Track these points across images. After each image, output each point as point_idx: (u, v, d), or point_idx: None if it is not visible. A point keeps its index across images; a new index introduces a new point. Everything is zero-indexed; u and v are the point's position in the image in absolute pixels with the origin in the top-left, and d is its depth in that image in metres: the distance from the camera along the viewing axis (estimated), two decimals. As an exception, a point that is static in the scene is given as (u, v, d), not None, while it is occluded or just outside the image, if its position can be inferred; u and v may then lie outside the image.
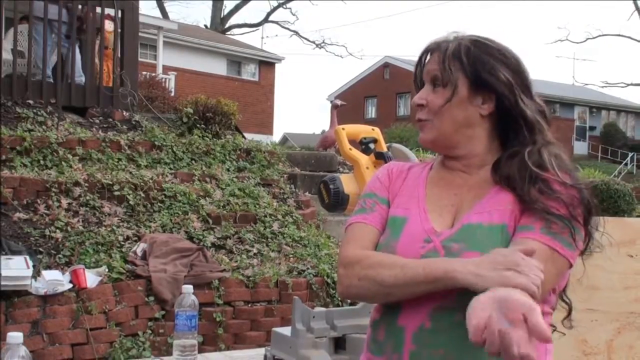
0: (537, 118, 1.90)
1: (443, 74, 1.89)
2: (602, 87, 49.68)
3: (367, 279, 1.82)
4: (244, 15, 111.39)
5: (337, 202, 3.27)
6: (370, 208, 1.99)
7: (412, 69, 2.05)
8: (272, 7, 42.65)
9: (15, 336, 2.33)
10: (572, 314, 2.04)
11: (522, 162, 1.86)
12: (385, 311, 1.89)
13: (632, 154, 38.56)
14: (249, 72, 32.63)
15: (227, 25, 40.75)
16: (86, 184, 7.44)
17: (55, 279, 5.97)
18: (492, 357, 1.69)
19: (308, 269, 7.15)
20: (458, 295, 1.70)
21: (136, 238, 7.08)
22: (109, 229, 7.00)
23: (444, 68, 1.89)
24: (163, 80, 18.15)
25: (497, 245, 1.75)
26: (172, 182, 8.15)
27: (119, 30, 10.56)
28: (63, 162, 7.95)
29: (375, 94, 42.19)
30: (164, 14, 37.79)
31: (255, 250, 7.50)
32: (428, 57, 1.97)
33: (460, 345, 1.73)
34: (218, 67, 30.70)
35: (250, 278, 6.82)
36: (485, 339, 1.48)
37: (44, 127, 8.66)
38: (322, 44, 44.12)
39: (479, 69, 1.87)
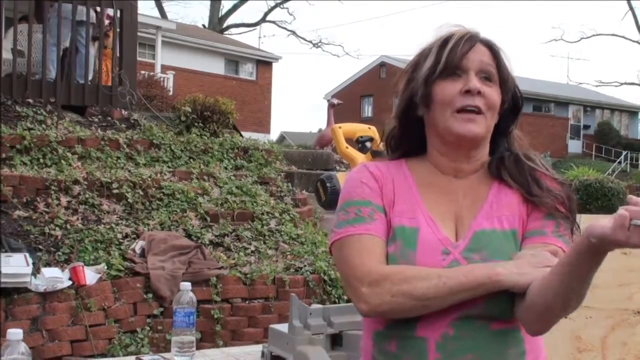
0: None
1: (501, 72, 1.86)
2: (596, 86, 49.66)
3: (402, 295, 1.72)
4: (242, 15, 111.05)
5: (333, 200, 3.28)
6: (370, 217, 1.84)
7: (408, 68, 1.99)
8: (269, 7, 42.57)
9: (15, 333, 2.35)
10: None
11: (518, 160, 1.88)
12: (394, 323, 1.80)
13: (626, 152, 38.60)
14: (247, 72, 32.61)
15: (224, 25, 40.69)
16: (85, 182, 7.47)
17: (54, 276, 6.01)
18: (517, 358, 1.78)
19: (305, 266, 7.18)
20: (484, 303, 1.72)
21: (135, 236, 7.11)
22: (107, 227, 7.04)
23: (500, 66, 1.86)
24: (161, 79, 18.18)
25: (512, 251, 1.77)
26: (171, 180, 8.19)
27: (118, 30, 10.58)
28: (62, 161, 7.99)
29: (372, 93, 42.09)
30: (163, 14, 37.74)
31: (252, 248, 7.53)
32: (463, 44, 1.83)
33: (487, 348, 1.75)
34: (216, 67, 30.67)
35: (248, 275, 6.85)
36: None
37: (43, 125, 8.69)
38: (319, 44, 44.23)
39: (505, 70, 1.87)
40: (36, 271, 6.10)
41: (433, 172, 1.91)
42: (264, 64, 33.07)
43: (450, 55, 1.81)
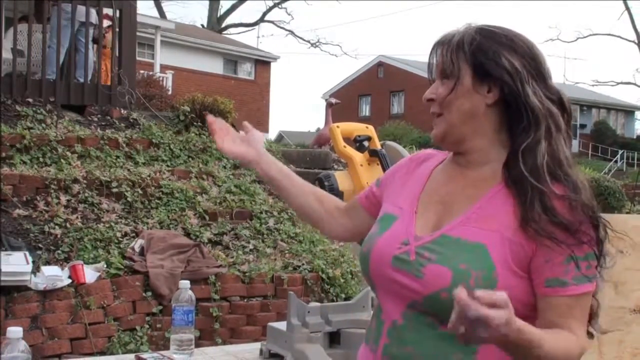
0: (546, 106, 1.78)
1: (447, 66, 1.84)
2: (593, 85, 49.81)
3: None
4: (240, 14, 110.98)
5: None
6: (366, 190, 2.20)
7: (405, 68, 2.02)
8: (267, 7, 42.49)
9: (15, 331, 2.37)
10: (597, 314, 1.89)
11: (520, 165, 1.76)
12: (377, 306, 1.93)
13: (622, 151, 38.59)
14: (245, 71, 32.61)
15: (223, 25, 40.65)
16: (85, 181, 7.50)
17: (54, 275, 6.03)
18: (465, 358, 1.74)
19: (303, 264, 7.21)
20: (425, 299, 1.72)
21: (134, 234, 7.13)
22: (107, 225, 7.06)
23: (448, 59, 1.83)
24: (160, 78, 18.19)
25: (467, 263, 1.69)
26: (170, 179, 8.21)
27: (117, 29, 10.60)
28: (62, 160, 8.01)
29: (370, 92, 42.07)
30: (162, 14, 37.66)
31: (251, 246, 7.56)
32: (431, 55, 1.90)
33: (429, 346, 1.75)
34: (215, 66, 30.67)
35: (246, 274, 6.88)
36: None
37: (43, 125, 8.71)
38: (317, 43, 44.14)
39: (481, 57, 1.80)
40: (36, 269, 6.12)
41: (455, 164, 1.92)
42: (263, 64, 33.07)
43: (430, 67, 1.91)
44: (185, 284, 3.18)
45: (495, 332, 1.42)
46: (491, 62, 1.79)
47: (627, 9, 44.35)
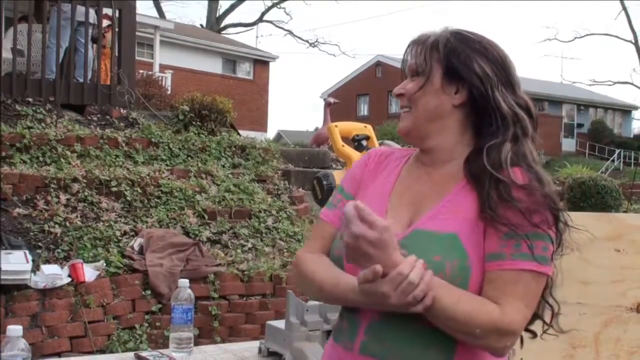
0: (514, 111, 1.84)
1: (420, 64, 1.89)
2: (590, 85, 49.75)
3: (300, 283, 2.01)
4: (239, 14, 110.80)
5: (330, 197, 3.31)
6: (334, 205, 2.03)
7: (404, 67, 2.05)
8: (266, 7, 42.39)
9: (15, 329, 2.37)
10: (557, 313, 1.99)
11: (482, 160, 1.82)
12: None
13: (619, 150, 38.54)
14: (244, 71, 32.59)
15: (222, 25, 40.59)
16: (84, 180, 7.52)
17: (54, 273, 6.05)
18: (444, 355, 1.78)
19: (302, 263, 7.21)
20: None
21: (133, 233, 7.16)
22: (106, 224, 7.09)
23: (422, 58, 1.89)
24: (160, 78, 18.19)
25: (441, 254, 1.73)
26: (169, 178, 8.24)
27: (117, 29, 10.62)
28: (62, 159, 8.04)
29: (368, 92, 42.02)
30: (161, 14, 37.63)
31: (250, 245, 7.59)
32: (407, 54, 1.96)
33: (409, 343, 1.77)
34: (213, 66, 30.64)
35: (245, 272, 6.90)
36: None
37: (43, 124, 8.74)
38: (316, 43, 44.03)
39: (453, 59, 1.86)
40: (36, 268, 6.14)
41: (420, 163, 1.97)
42: (261, 63, 33.04)
43: (403, 65, 1.97)
44: (184, 282, 3.19)
45: (366, 251, 1.60)
46: (463, 65, 1.85)
47: (624, 8, 44.34)
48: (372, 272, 1.60)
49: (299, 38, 46.77)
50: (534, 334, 1.97)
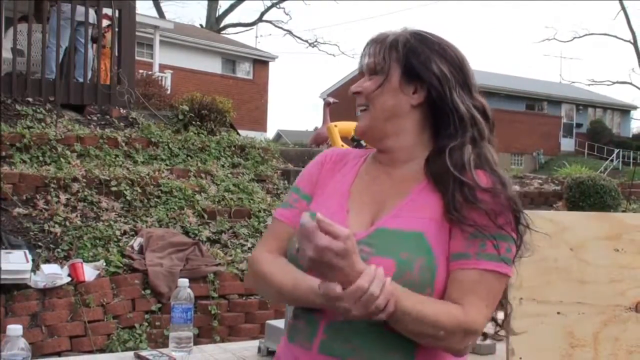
0: (472, 113, 1.85)
1: (379, 62, 1.88)
2: (589, 85, 49.79)
3: (257, 284, 1.96)
4: (239, 14, 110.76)
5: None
6: (290, 204, 2.00)
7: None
8: (266, 7, 42.42)
9: (15, 329, 2.37)
10: (510, 314, 1.99)
11: (444, 161, 1.82)
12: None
13: (618, 150, 38.62)
14: (244, 71, 32.60)
15: (222, 25, 40.60)
16: (84, 180, 7.54)
17: (54, 273, 6.06)
18: (404, 355, 1.77)
19: (301, 263, 7.21)
20: None
21: (133, 233, 7.17)
22: (106, 224, 7.10)
23: (380, 57, 1.88)
24: (159, 78, 18.19)
25: (408, 252, 1.73)
26: (168, 178, 8.26)
27: (117, 29, 10.64)
28: (62, 159, 8.06)
29: (367, 92, 42.01)
30: (160, 14, 37.64)
31: (249, 245, 7.58)
32: (363, 52, 1.95)
33: (370, 344, 1.76)
34: (213, 66, 30.65)
35: (245, 272, 6.86)
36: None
37: (43, 124, 8.77)
38: (315, 43, 44.05)
39: (412, 59, 1.85)
40: (36, 268, 6.15)
41: (378, 162, 1.96)
42: (261, 63, 33.05)
43: (359, 64, 1.97)
44: (184, 282, 3.19)
45: (331, 262, 1.54)
46: (421, 65, 1.85)
47: (623, 8, 44.37)
48: (332, 291, 1.57)
49: (299, 38, 46.74)
50: (485, 336, 1.95)
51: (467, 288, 1.73)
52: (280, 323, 3.29)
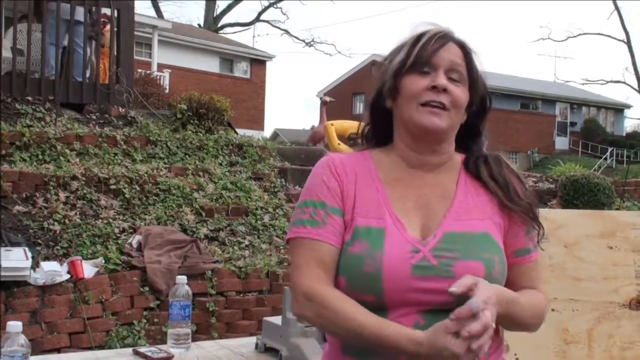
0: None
1: (470, 74, 1.87)
2: (583, 84, 49.70)
3: (324, 320, 1.77)
4: (236, 14, 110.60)
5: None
6: (322, 221, 1.82)
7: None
8: (263, 7, 42.29)
9: (14, 325, 2.40)
10: None
11: (499, 162, 1.92)
12: None
13: (612, 148, 38.67)
14: (241, 70, 32.58)
15: (219, 25, 40.53)
16: (83, 178, 7.58)
17: (53, 270, 6.09)
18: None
19: (298, 260, 7.23)
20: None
21: (132, 230, 7.21)
22: (105, 222, 7.14)
23: (471, 68, 1.87)
24: (158, 77, 18.18)
25: (487, 252, 1.78)
26: (167, 176, 8.30)
27: (115, 29, 10.66)
28: (61, 157, 8.10)
29: (363, 91, 41.80)
30: (159, 14, 37.54)
31: (247, 242, 7.64)
32: (434, 42, 1.85)
33: None
34: (211, 65, 30.64)
35: (242, 269, 6.95)
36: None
37: (42, 123, 8.79)
38: (312, 43, 43.95)
39: (478, 79, 1.89)
40: (35, 265, 6.19)
41: (400, 164, 1.90)
42: (258, 63, 33.04)
43: (421, 51, 1.83)
44: (182, 279, 3.20)
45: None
46: (481, 80, 1.92)
47: (617, 8, 44.32)
48: (469, 311, 1.57)
49: (296, 37, 46.70)
50: None
51: (533, 276, 1.92)
52: (277, 320, 3.29)
